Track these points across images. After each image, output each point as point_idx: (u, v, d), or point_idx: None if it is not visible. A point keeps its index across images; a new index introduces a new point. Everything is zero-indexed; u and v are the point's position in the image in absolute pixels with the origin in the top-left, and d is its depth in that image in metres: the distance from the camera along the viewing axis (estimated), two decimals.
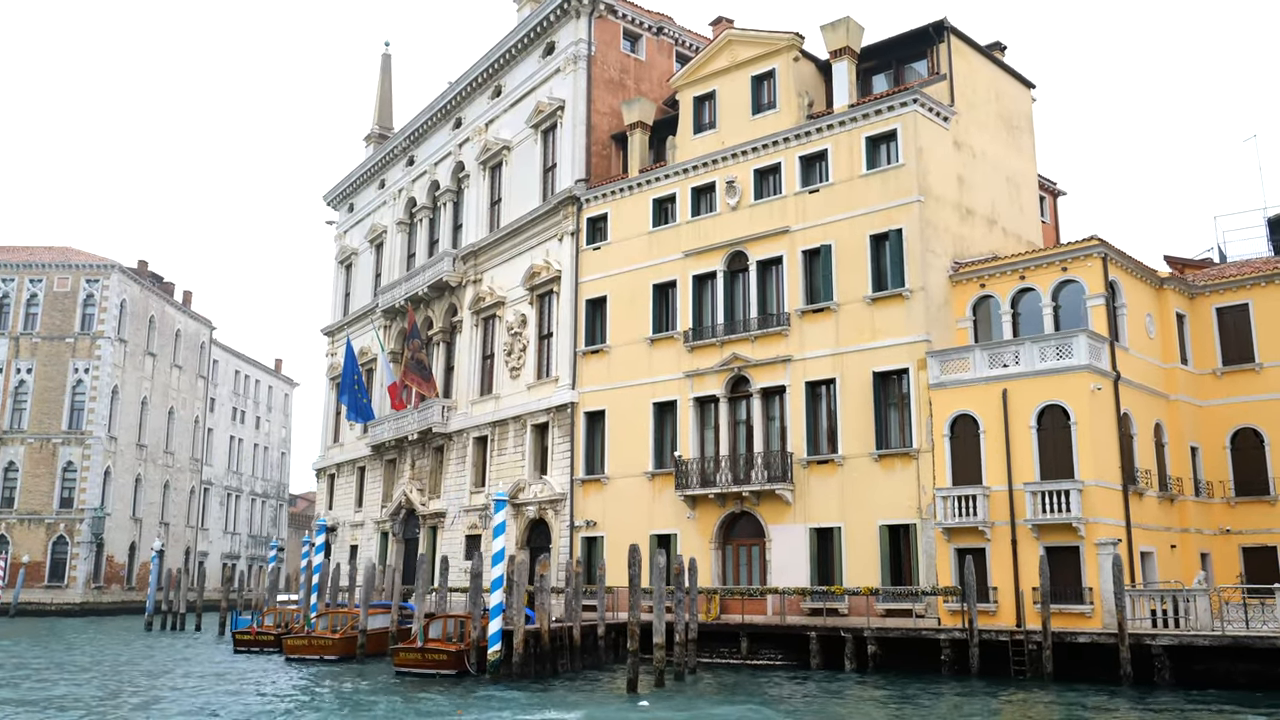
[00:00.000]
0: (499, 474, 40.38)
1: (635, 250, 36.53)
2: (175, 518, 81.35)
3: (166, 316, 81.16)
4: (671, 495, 33.56)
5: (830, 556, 30.03)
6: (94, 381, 71.49)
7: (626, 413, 35.47)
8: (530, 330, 40.41)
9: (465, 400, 43.74)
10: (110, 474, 71.98)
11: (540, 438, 39.17)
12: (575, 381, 37.34)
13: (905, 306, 29.67)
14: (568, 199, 38.77)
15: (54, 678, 25.86)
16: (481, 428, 42.00)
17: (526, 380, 40.08)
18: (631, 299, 36.19)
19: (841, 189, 31.61)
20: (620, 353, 36.24)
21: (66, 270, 73.55)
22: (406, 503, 45.94)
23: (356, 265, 56.87)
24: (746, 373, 32.60)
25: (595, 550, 35.58)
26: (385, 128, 58.48)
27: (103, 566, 70.93)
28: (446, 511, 43.18)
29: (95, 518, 69.37)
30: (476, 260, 44.54)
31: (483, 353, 43.65)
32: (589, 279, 37.80)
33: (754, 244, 33.22)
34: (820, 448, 30.96)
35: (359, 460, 52.13)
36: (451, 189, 48.27)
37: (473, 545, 41.09)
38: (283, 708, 20.43)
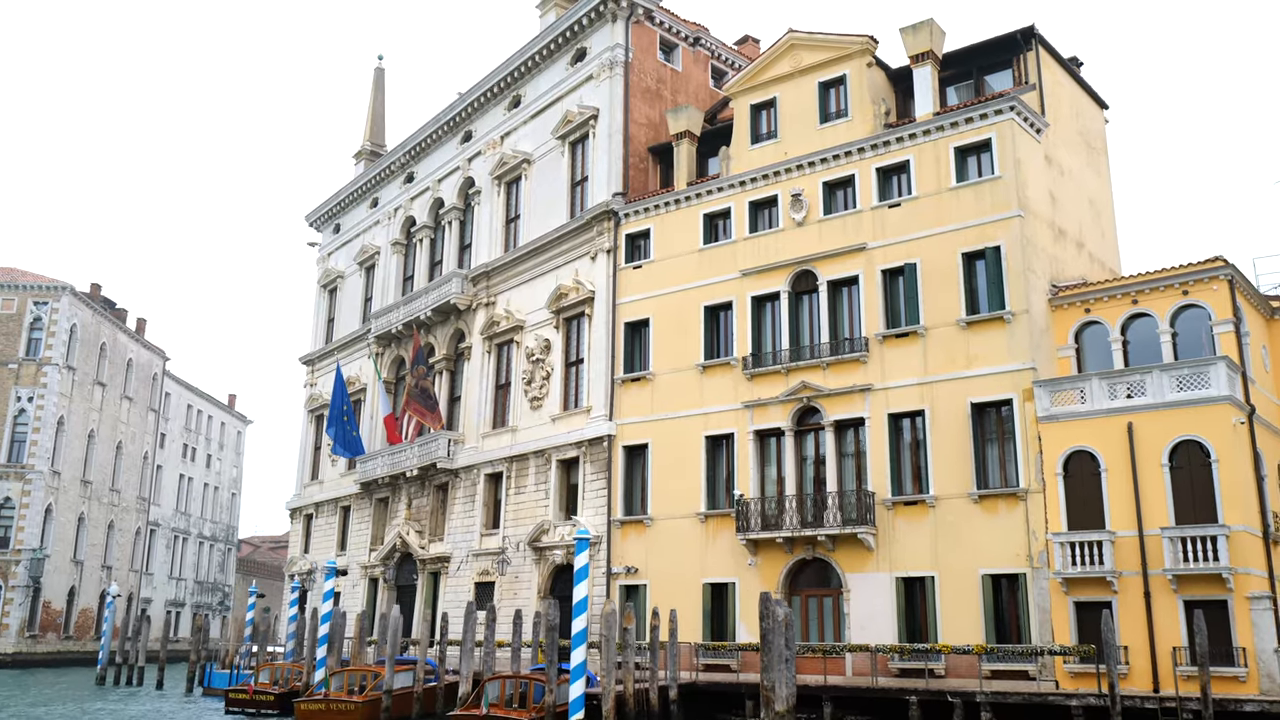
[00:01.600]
0: (517, 514, 36.53)
1: (683, 269, 33.36)
2: (119, 561, 75.44)
3: (119, 345, 75.92)
4: (728, 539, 30.10)
5: (920, 609, 26.75)
6: (38, 411, 66.03)
7: (673, 447, 32.03)
8: (555, 357, 36.87)
9: (475, 433, 39.87)
10: (51, 512, 66.31)
11: (567, 474, 35.49)
12: (612, 412, 33.83)
13: (1006, 331, 26.80)
14: (603, 214, 35.56)
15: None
16: (495, 463, 38.16)
17: (550, 411, 36.44)
18: (679, 322, 32.93)
19: (927, 203, 28.84)
20: (666, 381, 32.87)
21: (12, 291, 68.27)
22: (402, 546, 41.73)
23: (342, 289, 52.86)
24: (817, 403, 29.43)
25: (636, 599, 31.87)
26: (378, 144, 54.91)
27: (39, 613, 64.95)
28: (451, 556, 39.09)
29: (34, 559, 63.58)
30: (489, 282, 40.98)
31: (496, 381, 39.92)
32: (628, 300, 34.49)
33: (824, 262, 30.25)
34: (905, 487, 27.80)
35: (343, 499, 47.75)
36: (458, 206, 44.78)
37: (484, 593, 37.07)
38: None
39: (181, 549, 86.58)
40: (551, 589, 34.60)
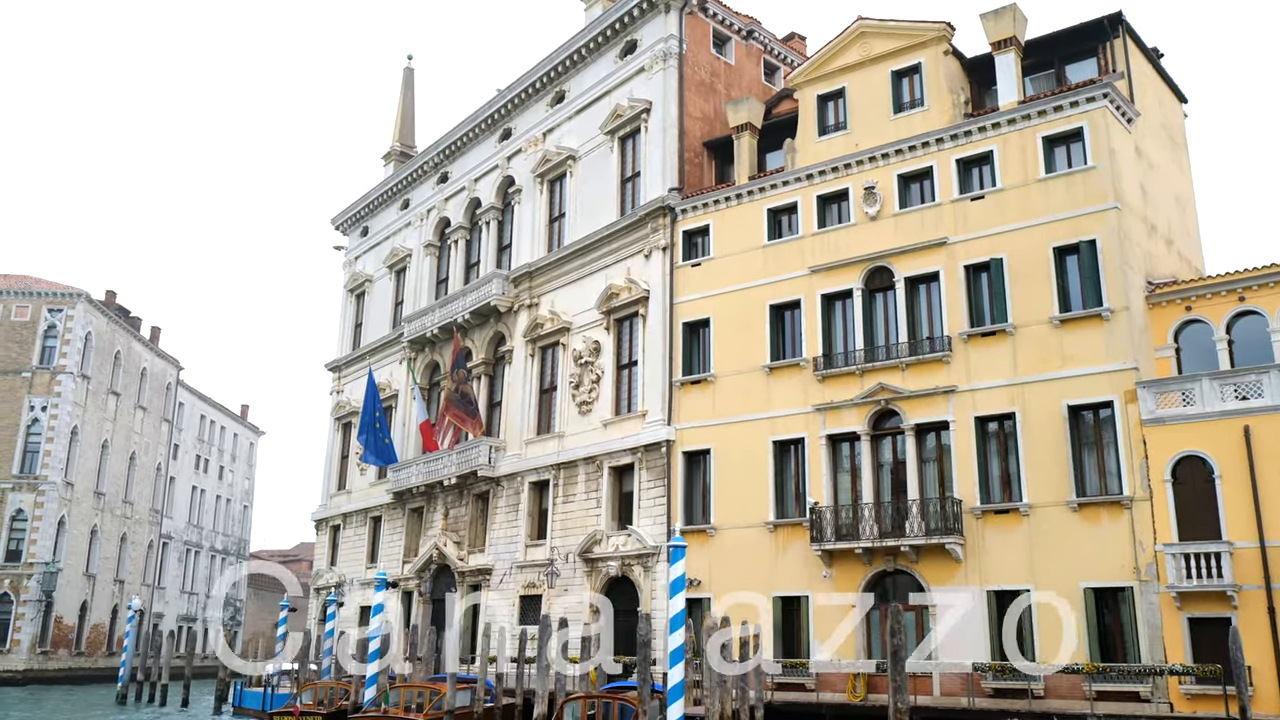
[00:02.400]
0: (566, 524, 34.87)
1: (746, 266, 31.82)
2: (131, 574, 73.64)
3: (133, 353, 74.36)
4: (800, 550, 28.45)
5: (1014, 625, 25.04)
6: (52, 421, 64.40)
7: (738, 452, 30.42)
8: (606, 359, 35.29)
9: (517, 440, 38.24)
10: (65, 524, 64.58)
11: (619, 482, 33.86)
12: (670, 416, 32.23)
13: (1105, 329, 25.23)
14: (658, 210, 34.06)
15: None
16: (540, 471, 36.52)
17: (601, 416, 34.83)
18: (742, 322, 31.38)
19: (1014, 195, 27.32)
20: (729, 383, 31.28)
21: (26, 298, 66.75)
22: (438, 557, 40.03)
23: (371, 293, 51.32)
24: (896, 406, 27.83)
25: (699, 614, 30.14)
26: (407, 145, 53.50)
27: (50, 629, 63.10)
28: (493, 568, 37.39)
29: (47, 573, 61.81)
30: (532, 283, 39.45)
31: (540, 386, 38.32)
32: (686, 299, 32.94)
33: (901, 258, 28.71)
34: (994, 494, 26.17)
35: (373, 509, 46.06)
36: (496, 206, 43.30)
37: (529, 606, 35.38)
38: None
39: (194, 562, 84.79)
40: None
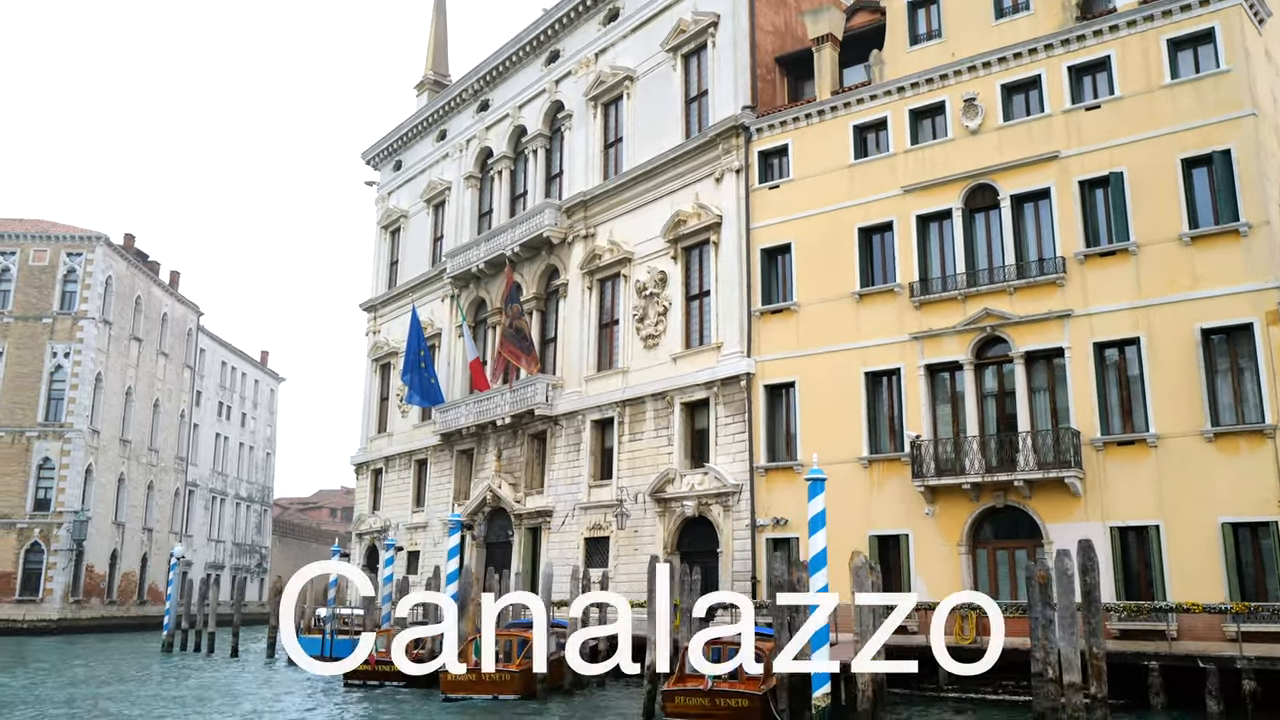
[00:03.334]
0: (633, 463, 33.26)
1: (830, 187, 29.81)
2: (159, 523, 72.50)
3: (153, 298, 72.48)
4: (899, 486, 26.81)
5: (1139, 562, 23.49)
6: (75, 368, 62.71)
7: (825, 384, 28.66)
8: (673, 290, 33.42)
9: (576, 377, 36.53)
10: (92, 473, 63.19)
11: (692, 418, 32.18)
12: (750, 348, 30.43)
13: (1241, 246, 23.31)
14: (730, 131, 31.96)
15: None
16: (603, 409, 34.84)
17: (670, 350, 33.05)
18: (827, 246, 29.44)
19: (1135, 104, 25.23)
20: (813, 312, 29.43)
21: (44, 242, 64.74)
22: (492, 500, 38.53)
23: (406, 229, 49.30)
24: (1003, 333, 26.00)
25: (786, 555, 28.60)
26: (441, 74, 51.14)
27: (82, 578, 62.04)
28: (554, 510, 35.89)
29: (77, 522, 60.56)
30: (587, 212, 37.45)
31: (599, 320, 36.51)
32: (764, 224, 30.96)
33: (1006, 175, 26.69)
34: (1115, 425, 24.45)
35: (418, 452, 44.52)
36: (544, 133, 41.13)
37: (594, 549, 33.94)
38: None
39: (220, 510, 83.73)
40: (679, 543, 31.42)
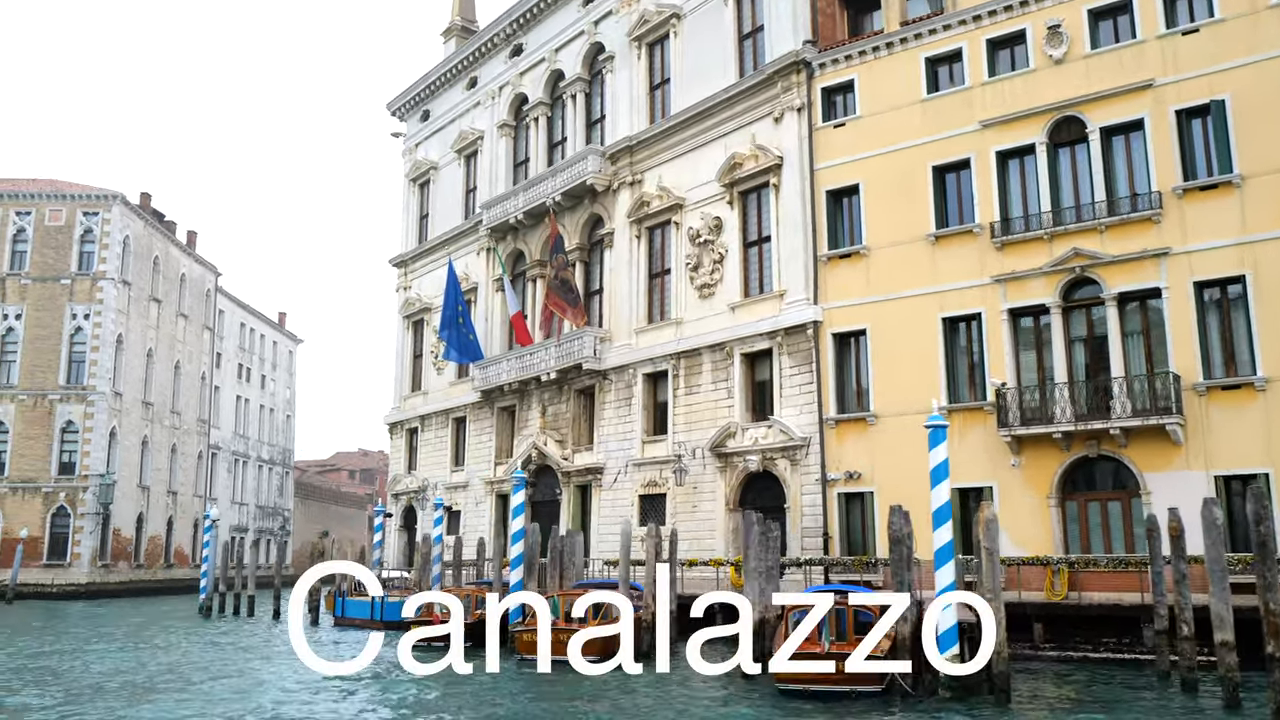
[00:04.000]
0: (690, 418, 32.09)
1: (901, 124, 28.31)
2: (183, 485, 71.75)
3: (171, 258, 71.14)
4: (981, 437, 25.59)
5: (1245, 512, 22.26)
6: (95, 329, 61.54)
7: (899, 331, 27.37)
8: (729, 236, 32.04)
9: (625, 330, 35.27)
10: (116, 436, 62.27)
11: (752, 370, 30.95)
12: (816, 295, 29.12)
13: None
14: (790, 67, 30.41)
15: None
16: (656, 361, 33.62)
17: (727, 299, 31.75)
18: (899, 186, 28.00)
19: (1237, 27, 23.67)
20: (884, 256, 28.07)
21: (60, 201, 63.28)
22: (538, 457, 37.44)
23: (437, 181, 47.81)
24: (1094, 273, 24.65)
25: (857, 510, 27.57)
26: (468, 20, 49.43)
27: (109, 542, 61.34)
28: (605, 466, 34.79)
29: (103, 485, 59.72)
30: (633, 158, 35.98)
31: (649, 270, 35.17)
32: (829, 165, 29.52)
33: (1095, 106, 25.18)
34: (1217, 369, 23.19)
35: (455, 410, 43.39)
36: (583, 77, 39.53)
37: (650, 506, 32.87)
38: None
39: (242, 473, 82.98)
40: (741, 499, 30.31)
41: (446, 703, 17.26)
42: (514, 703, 17.04)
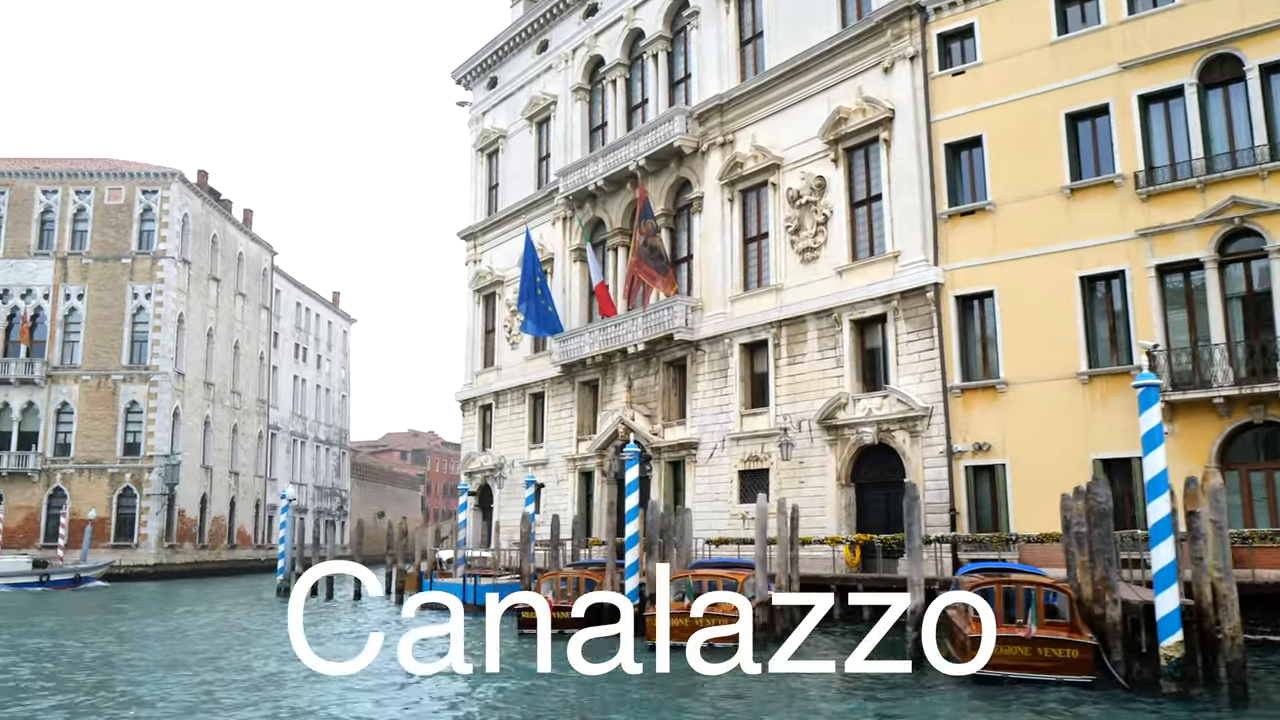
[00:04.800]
0: (794, 389, 30.47)
1: (1028, 70, 26.35)
2: (244, 466, 71.32)
3: (228, 237, 70.43)
4: (1126, 403, 23.62)
5: None
6: (157, 309, 60.90)
7: (1030, 292, 25.53)
8: (834, 197, 30.27)
9: (719, 298, 33.67)
10: (179, 416, 61.74)
11: (862, 336, 29.23)
12: (936, 256, 27.31)
13: None
14: (901, 12, 28.51)
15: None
16: (754, 330, 32.00)
17: (833, 263, 30.03)
18: (1027, 136, 26.08)
19: None
20: (1012, 211, 26.19)
21: (119, 180, 62.59)
22: (624, 433, 35.99)
23: (506, 150, 46.32)
24: (1254, 224, 22.66)
25: (986, 484, 25.84)
26: None
27: (174, 522, 60.93)
28: (699, 442, 33.29)
29: (168, 465, 59.25)
30: (723, 117, 34.25)
31: (743, 235, 33.49)
32: (948, 116, 27.63)
33: (1251, 41, 23.12)
34: None
35: (532, 385, 42.04)
36: (664, 35, 37.79)
37: (751, 482, 31.33)
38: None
39: (301, 453, 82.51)
40: (853, 474, 28.69)
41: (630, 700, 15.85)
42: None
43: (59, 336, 60.17)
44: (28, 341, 59.50)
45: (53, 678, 18.38)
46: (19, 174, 62.02)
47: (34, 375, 58.64)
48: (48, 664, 20.25)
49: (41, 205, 61.65)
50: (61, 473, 58.44)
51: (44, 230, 61.69)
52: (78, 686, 17.30)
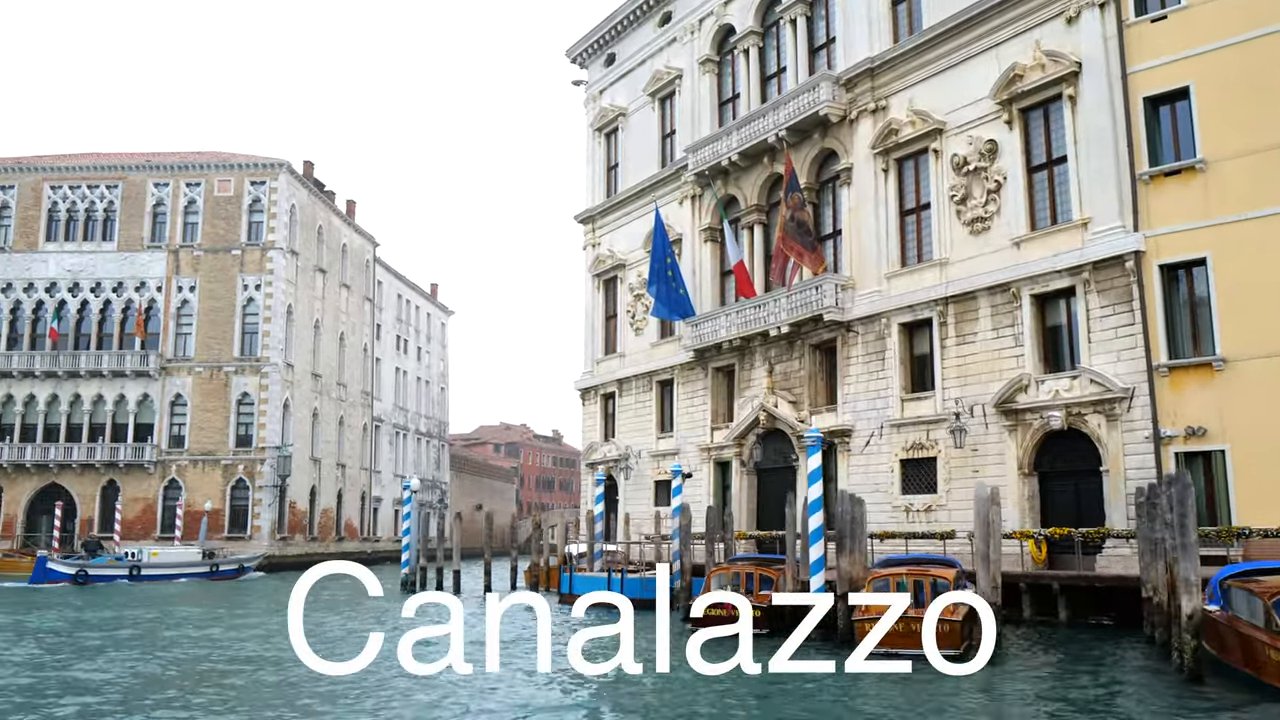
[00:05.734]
0: (964, 371, 28.14)
1: (1245, 10, 23.59)
2: (350, 459, 71.07)
3: (333, 228, 70.23)
4: None
5: None
6: (266, 300, 60.78)
7: (1253, 259, 22.79)
8: (1008, 161, 27.81)
9: (872, 275, 31.45)
10: (289, 408, 61.52)
11: (1043, 312, 26.77)
12: (1136, 221, 24.73)
13: None
14: None
15: None
16: (915, 309, 29.72)
17: (1008, 233, 27.59)
18: (1245, 85, 23.33)
19: None
20: (1229, 170, 23.47)
21: (227, 171, 62.61)
22: (767, 421, 33.99)
23: (626, 129, 44.58)
24: None
25: (1199, 472, 23.19)
26: None
27: (286, 514, 60.76)
28: (853, 429, 31.12)
29: (281, 457, 59.07)
30: (875, 82, 31.98)
31: (900, 207, 31.20)
32: (1146, 66, 24.99)
33: None
34: None
35: (660, 372, 40.25)
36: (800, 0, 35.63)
37: (914, 471, 29.10)
38: None
39: (403, 446, 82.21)
40: (1036, 464, 26.27)
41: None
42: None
43: (172, 329, 60.38)
44: (142, 334, 59.81)
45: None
46: (131, 167, 62.41)
47: (149, 368, 58.90)
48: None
49: (153, 198, 61.94)
50: (176, 464, 58.61)
51: (156, 223, 61.98)
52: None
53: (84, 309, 60.44)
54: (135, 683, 16.98)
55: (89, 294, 60.30)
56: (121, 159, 63.38)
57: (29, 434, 58.87)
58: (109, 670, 18.47)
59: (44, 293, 60.37)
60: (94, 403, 58.95)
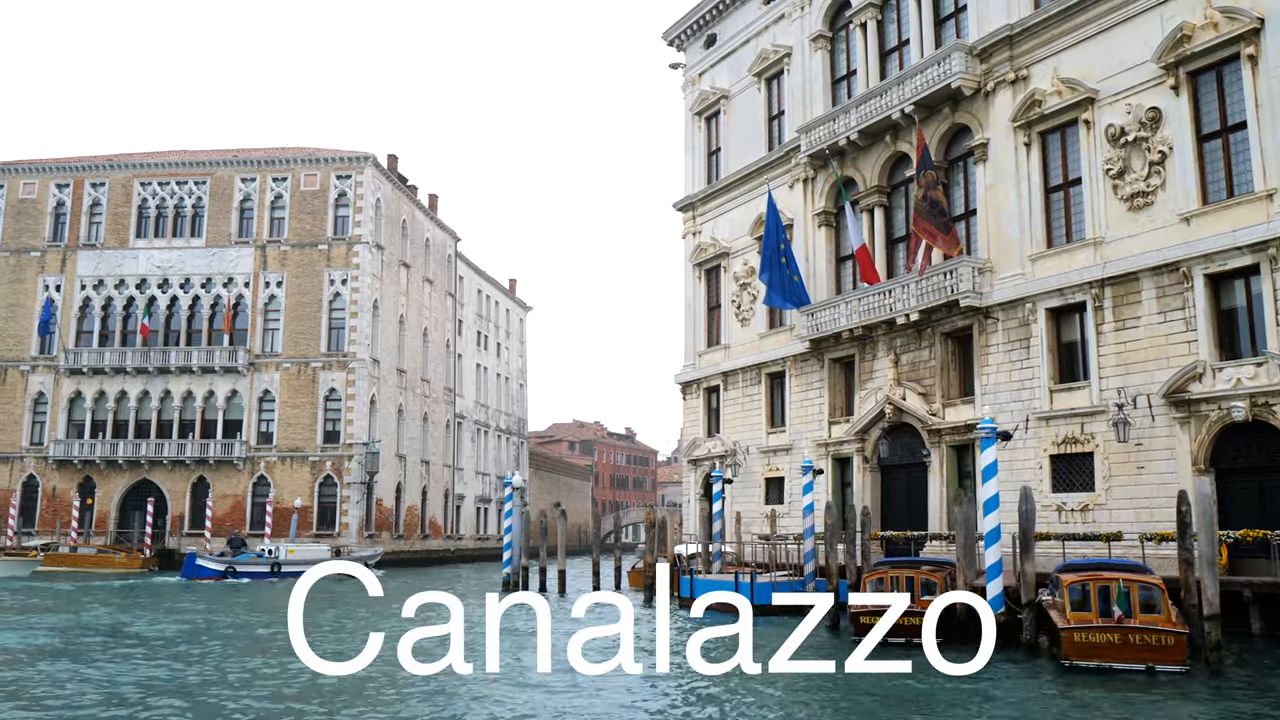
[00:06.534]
0: (1123, 359, 25.90)
1: None
2: (434, 455, 70.36)
3: (416, 223, 69.60)
4: None
5: None
6: (353, 294, 60.24)
7: None
8: (1174, 130, 25.51)
9: (1014, 257, 29.33)
10: (375, 404, 60.90)
11: (1217, 295, 24.48)
12: None
13: None
14: None
15: None
16: (1065, 293, 27.54)
17: (1175, 208, 25.31)
18: None
19: None
20: None
21: (314, 165, 62.21)
22: (893, 414, 32.01)
23: (729, 112, 42.83)
24: None
25: None
26: None
27: (373, 511, 60.14)
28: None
29: (369, 453, 58.37)
30: (1013, 50, 29.84)
31: (1045, 183, 29.04)
32: None
33: None
34: None
35: (769, 364, 38.44)
36: None
37: (1066, 468, 26.98)
38: None
39: (485, 442, 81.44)
40: (1213, 458, 24.00)
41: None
42: None
43: (259, 324, 60.13)
44: (230, 330, 59.63)
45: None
46: (219, 164, 62.31)
47: (237, 363, 58.68)
48: None
49: (240, 194, 61.75)
50: (265, 461, 58.29)
51: (243, 219, 61.80)
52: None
53: (173, 305, 60.47)
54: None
55: (178, 290, 60.30)
56: (209, 155, 63.35)
57: (120, 430, 59.06)
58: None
59: (135, 289, 60.53)
60: (184, 399, 58.90)
